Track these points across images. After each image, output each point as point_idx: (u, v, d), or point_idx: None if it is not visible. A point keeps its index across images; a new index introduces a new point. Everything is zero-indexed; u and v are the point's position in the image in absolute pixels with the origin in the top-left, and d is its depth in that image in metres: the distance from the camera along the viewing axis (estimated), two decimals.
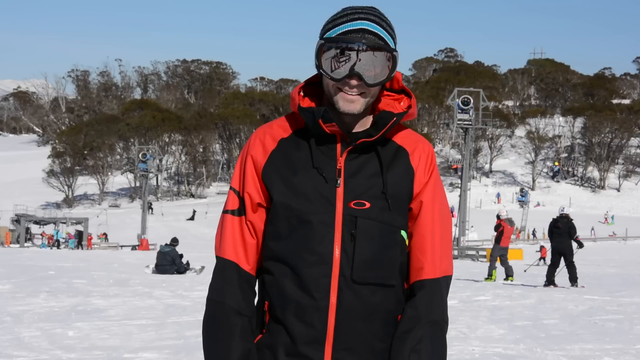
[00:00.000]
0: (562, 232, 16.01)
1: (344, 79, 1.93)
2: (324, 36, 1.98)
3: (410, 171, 2.03)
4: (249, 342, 1.97)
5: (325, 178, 1.97)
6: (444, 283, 2.04)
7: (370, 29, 1.94)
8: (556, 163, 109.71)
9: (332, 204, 1.96)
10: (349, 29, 1.94)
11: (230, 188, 2.09)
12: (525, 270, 21.19)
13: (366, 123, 2.04)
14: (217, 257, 2.07)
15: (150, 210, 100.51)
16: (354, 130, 2.01)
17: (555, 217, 16.50)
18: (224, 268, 2.04)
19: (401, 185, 2.01)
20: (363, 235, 1.95)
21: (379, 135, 1.99)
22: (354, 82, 1.93)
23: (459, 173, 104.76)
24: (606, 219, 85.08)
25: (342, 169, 1.98)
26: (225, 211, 2.08)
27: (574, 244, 16.09)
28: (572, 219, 16.20)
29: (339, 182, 1.97)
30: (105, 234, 74.51)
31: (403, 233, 2.03)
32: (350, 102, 1.96)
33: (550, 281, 16.10)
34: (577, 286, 15.93)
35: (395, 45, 2.00)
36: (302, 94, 2.09)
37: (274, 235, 2.01)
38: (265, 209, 2.05)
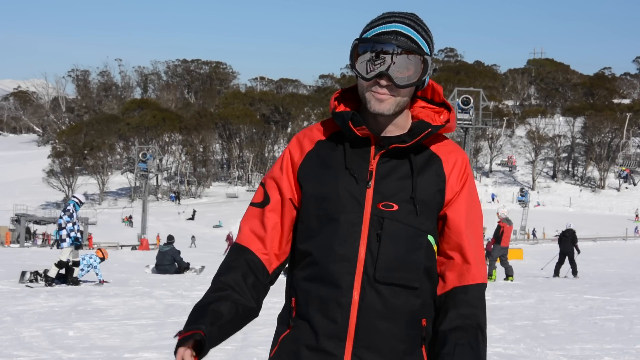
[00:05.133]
0: (568, 240, 21.64)
1: (374, 78, 1.98)
2: (360, 37, 2.04)
3: (442, 178, 2.06)
4: (220, 316, 1.97)
5: (356, 179, 2.02)
6: (483, 289, 2.07)
7: (404, 32, 1.99)
8: (623, 168, 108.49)
9: (360, 204, 2.00)
10: (383, 30, 2.00)
11: (261, 184, 2.17)
12: (542, 269, 24.52)
13: (403, 128, 2.08)
14: (235, 242, 2.14)
15: (177, 201, 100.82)
16: (388, 134, 2.06)
17: (563, 229, 22.51)
18: (233, 250, 2.11)
19: (431, 191, 2.04)
20: (389, 236, 1.99)
21: (412, 142, 2.03)
22: (383, 82, 1.98)
23: (517, 169, 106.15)
24: (637, 216, 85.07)
25: (373, 171, 2.03)
26: (251, 204, 2.16)
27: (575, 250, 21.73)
28: (575, 231, 22.12)
29: (369, 183, 2.02)
30: (130, 217, 74.71)
31: (430, 238, 2.05)
32: (380, 101, 2.00)
33: (556, 273, 21.47)
34: (577, 277, 20.64)
35: (430, 51, 2.05)
36: (338, 100, 2.15)
37: (303, 233, 2.07)
38: (296, 209, 2.11)
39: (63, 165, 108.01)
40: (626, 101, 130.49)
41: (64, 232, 15.49)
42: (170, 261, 21.15)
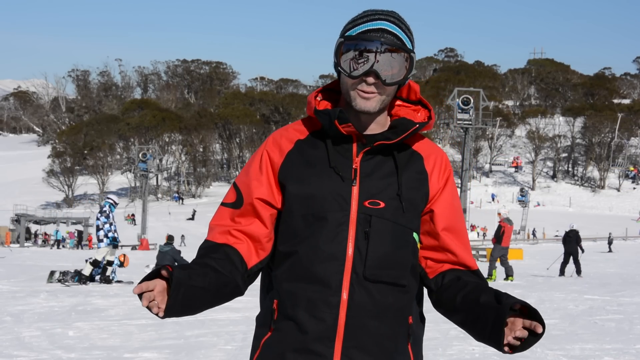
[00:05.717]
0: (572, 240, 22.21)
1: (361, 76, 1.96)
2: (344, 35, 2.02)
3: (424, 175, 2.06)
4: (204, 270, 1.93)
5: (341, 177, 2.00)
6: (481, 274, 2.11)
7: (389, 29, 1.98)
8: (631, 168, 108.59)
9: (347, 202, 1.98)
10: (368, 28, 1.99)
11: (233, 184, 2.12)
12: (547, 268, 24.87)
13: (383, 125, 2.07)
14: (204, 240, 2.08)
15: (180, 200, 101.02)
16: (370, 132, 2.05)
17: (567, 230, 23.00)
18: (206, 247, 2.04)
19: (415, 188, 2.04)
20: (376, 234, 1.97)
21: (398, 139, 2.02)
22: (370, 79, 1.96)
23: (523, 170, 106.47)
24: None
25: (357, 168, 2.01)
26: (222, 204, 2.11)
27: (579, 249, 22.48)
28: (578, 232, 22.71)
29: (354, 181, 2.00)
30: (132, 215, 74.64)
31: (415, 235, 2.05)
32: (366, 99, 1.99)
33: (562, 272, 21.80)
34: (581, 276, 20.99)
35: (413, 48, 2.04)
36: (318, 98, 2.13)
37: (286, 233, 2.03)
38: (276, 210, 2.06)
39: (63, 165, 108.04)
40: (626, 101, 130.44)
41: (101, 233, 15.95)
42: (170, 261, 21.11)
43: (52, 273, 16.42)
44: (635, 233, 68.16)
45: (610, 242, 50.72)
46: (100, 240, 15.94)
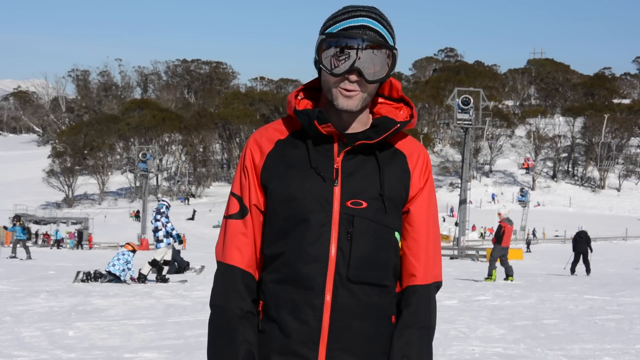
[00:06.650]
0: (583, 240, 23.59)
1: (343, 74, 1.93)
2: (325, 32, 1.99)
3: (407, 174, 2.04)
4: (251, 345, 1.98)
5: (323, 177, 1.97)
6: (434, 289, 2.07)
7: (371, 26, 1.95)
8: None
9: (329, 203, 1.96)
10: (350, 25, 1.95)
11: (231, 193, 2.09)
12: (564, 268, 25.33)
13: (365, 124, 2.05)
14: (218, 262, 2.06)
15: (186, 201, 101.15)
16: (351, 131, 2.02)
17: (577, 231, 24.20)
18: (226, 273, 2.04)
19: (397, 187, 2.02)
20: (359, 234, 1.95)
21: (380, 139, 1.99)
22: (353, 77, 1.93)
23: (532, 171, 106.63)
24: None
25: (339, 168, 1.99)
26: (226, 216, 2.07)
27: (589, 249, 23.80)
28: (587, 232, 23.99)
29: (336, 181, 1.97)
30: (137, 212, 74.98)
31: (397, 235, 2.04)
32: (348, 98, 1.96)
33: (572, 271, 23.10)
34: (589, 275, 22.17)
35: (394, 44, 2.01)
36: (299, 97, 2.09)
37: (271, 235, 2.01)
38: (262, 212, 2.05)
39: (63, 165, 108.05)
40: (626, 101, 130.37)
41: (160, 233, 16.35)
42: (170, 261, 21.15)
43: (78, 273, 16.75)
44: (635, 233, 68.09)
45: (528, 243, 52.72)
46: (159, 241, 16.31)
